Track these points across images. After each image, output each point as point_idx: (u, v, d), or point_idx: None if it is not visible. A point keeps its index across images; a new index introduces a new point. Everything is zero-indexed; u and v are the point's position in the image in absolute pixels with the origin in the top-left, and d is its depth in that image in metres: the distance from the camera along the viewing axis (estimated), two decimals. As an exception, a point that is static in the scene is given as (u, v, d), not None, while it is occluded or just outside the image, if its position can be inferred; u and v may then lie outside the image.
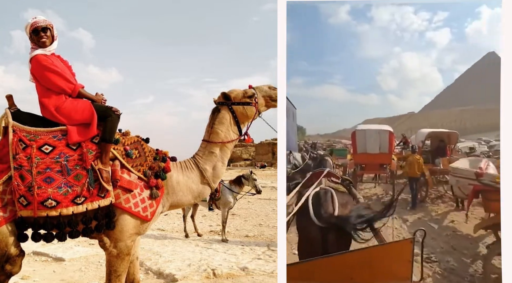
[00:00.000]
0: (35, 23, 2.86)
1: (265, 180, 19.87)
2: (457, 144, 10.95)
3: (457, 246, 5.79)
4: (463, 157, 9.93)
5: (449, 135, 10.36)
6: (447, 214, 7.66)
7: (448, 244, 5.89)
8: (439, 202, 8.64)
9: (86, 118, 2.83)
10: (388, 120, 17.69)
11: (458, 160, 7.38)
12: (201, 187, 3.09)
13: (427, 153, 10.00)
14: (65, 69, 2.93)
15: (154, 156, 2.97)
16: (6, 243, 2.64)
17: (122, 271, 2.83)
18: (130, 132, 3.09)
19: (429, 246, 5.59)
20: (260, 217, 10.24)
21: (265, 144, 39.29)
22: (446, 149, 10.12)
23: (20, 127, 2.73)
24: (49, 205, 2.61)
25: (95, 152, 2.78)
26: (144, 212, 2.81)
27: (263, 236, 7.86)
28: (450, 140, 10.27)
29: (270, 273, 5.04)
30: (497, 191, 4.41)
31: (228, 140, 3.12)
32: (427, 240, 5.66)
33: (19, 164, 2.63)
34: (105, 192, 2.72)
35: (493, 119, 19.25)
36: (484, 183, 4.87)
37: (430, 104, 23.86)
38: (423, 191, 8.76)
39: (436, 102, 23.39)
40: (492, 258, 4.40)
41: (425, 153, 9.80)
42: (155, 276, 5.06)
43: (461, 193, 5.96)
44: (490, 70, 27.13)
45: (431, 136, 10.41)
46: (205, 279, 4.89)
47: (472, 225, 6.61)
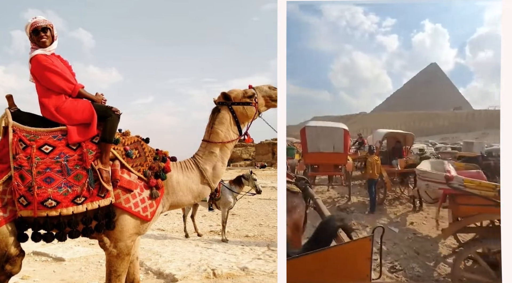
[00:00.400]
0: (35, 23, 2.86)
1: (265, 180, 19.87)
2: (412, 146, 10.80)
3: (419, 250, 5.69)
4: (415, 157, 10.06)
5: (405, 137, 10.22)
6: (406, 215, 7.52)
7: (410, 248, 5.76)
8: (396, 203, 8.47)
9: (86, 118, 2.83)
10: (340, 118, 17.56)
11: (421, 162, 7.16)
12: (201, 187, 3.09)
13: (383, 154, 9.75)
14: (65, 69, 2.93)
15: (154, 156, 2.97)
16: (6, 243, 2.64)
17: (122, 271, 2.83)
18: (130, 132, 3.09)
19: (393, 253, 5.49)
20: (260, 217, 10.24)
21: (265, 144, 39.29)
22: (403, 150, 9.97)
23: (20, 127, 2.73)
24: (49, 205, 2.61)
25: (95, 152, 2.78)
26: (144, 212, 2.81)
27: (263, 236, 7.86)
28: (406, 141, 10.11)
29: (270, 273, 5.04)
30: (466, 195, 4.53)
31: (228, 140, 3.12)
32: (390, 247, 5.67)
33: (19, 164, 2.63)
34: (105, 192, 2.72)
35: (437, 123, 19.64)
36: (454, 186, 4.73)
37: (381, 106, 24.08)
38: (381, 193, 8.48)
39: (387, 104, 23.58)
40: (460, 263, 4.31)
41: (381, 154, 9.49)
42: (155, 276, 5.06)
43: (428, 197, 5.78)
44: (433, 79, 27.95)
45: (388, 137, 10.19)
46: (205, 279, 4.89)
47: (430, 225, 6.62)
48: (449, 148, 13.39)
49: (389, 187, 8.64)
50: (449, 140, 15.10)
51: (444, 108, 21.83)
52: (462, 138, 14.77)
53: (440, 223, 6.24)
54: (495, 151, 10.34)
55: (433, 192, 5.48)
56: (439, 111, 19.88)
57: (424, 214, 7.43)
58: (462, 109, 20.33)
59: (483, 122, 16.56)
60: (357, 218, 7.47)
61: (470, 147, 12.21)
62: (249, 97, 3.12)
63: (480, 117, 16.80)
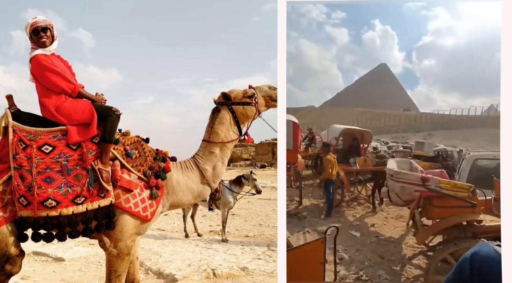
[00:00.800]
0: (35, 23, 2.86)
1: (265, 180, 19.88)
2: (370, 144, 10.09)
3: (384, 253, 5.36)
4: (372, 156, 9.46)
5: (363, 134, 9.57)
6: (366, 217, 7.00)
7: (375, 253, 5.37)
8: (354, 204, 7.85)
9: (86, 118, 2.83)
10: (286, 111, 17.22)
11: (388, 161, 6.63)
12: (201, 187, 3.09)
13: (338, 151, 8.92)
14: (65, 69, 2.93)
15: (154, 156, 2.97)
16: (6, 243, 2.64)
17: (122, 271, 2.83)
18: (130, 132, 3.09)
19: (357, 261, 5.11)
20: (260, 217, 10.24)
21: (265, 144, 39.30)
22: (360, 148, 9.31)
23: (20, 127, 2.73)
24: (49, 205, 2.61)
25: (95, 152, 2.78)
26: (144, 212, 2.81)
27: (263, 236, 7.86)
28: (363, 139, 9.48)
29: (270, 273, 5.04)
30: (443, 197, 4.37)
31: (228, 140, 3.12)
32: (353, 255, 5.27)
33: (19, 164, 2.63)
34: (105, 192, 2.72)
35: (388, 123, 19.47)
36: (430, 188, 4.48)
37: (331, 101, 23.82)
38: (338, 194, 7.78)
39: (338, 99, 23.27)
40: (434, 267, 4.18)
41: (336, 151, 8.69)
42: (155, 276, 5.06)
43: (398, 198, 5.27)
44: (383, 79, 27.80)
45: (344, 133, 9.37)
46: (205, 279, 4.89)
47: (392, 226, 6.24)
48: (400, 147, 13.20)
49: (347, 188, 7.96)
50: (399, 139, 15.04)
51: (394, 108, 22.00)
52: (411, 138, 14.82)
53: (401, 223, 6.13)
54: (442, 150, 10.30)
55: (406, 194, 5.03)
56: (389, 111, 20.00)
57: (384, 214, 7.00)
58: (410, 110, 20.65)
59: (429, 124, 16.89)
60: (312, 224, 6.48)
61: (421, 147, 12.05)
62: (249, 97, 3.12)
63: (427, 119, 17.09)
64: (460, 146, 11.50)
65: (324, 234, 2.88)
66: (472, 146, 11.36)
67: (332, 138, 9.05)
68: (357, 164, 8.47)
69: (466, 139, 12.80)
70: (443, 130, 14.61)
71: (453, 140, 12.83)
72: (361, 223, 6.70)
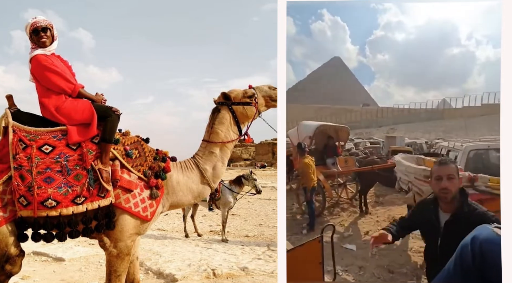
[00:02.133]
0: (35, 23, 2.86)
1: (265, 180, 19.89)
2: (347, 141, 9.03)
3: (392, 266, 4.48)
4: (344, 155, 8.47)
5: (338, 131, 8.57)
6: (354, 224, 6.14)
7: (381, 268, 4.50)
8: (338, 210, 6.90)
9: (86, 118, 2.83)
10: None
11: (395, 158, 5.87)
12: (201, 187, 3.09)
13: (312, 152, 7.56)
14: (65, 69, 2.93)
15: (154, 156, 2.97)
16: (6, 243, 2.64)
17: (122, 271, 2.83)
18: (130, 132, 3.09)
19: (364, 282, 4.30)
20: (260, 217, 10.24)
21: (265, 144, 39.31)
22: (337, 146, 8.33)
23: (20, 127, 2.73)
24: (49, 205, 2.61)
25: (95, 152, 2.78)
26: (144, 212, 2.81)
27: (263, 236, 7.85)
28: (339, 136, 8.52)
29: (270, 273, 5.04)
30: (494, 198, 3.56)
31: (228, 140, 3.12)
32: (358, 276, 4.45)
33: (19, 164, 2.63)
34: (105, 192, 2.71)
35: (350, 119, 19.24)
36: (480, 189, 3.80)
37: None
38: (316, 201, 6.68)
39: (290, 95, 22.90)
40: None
41: (310, 153, 7.31)
42: (155, 276, 5.06)
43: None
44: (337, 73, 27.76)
45: (319, 131, 8.09)
46: (205, 279, 4.89)
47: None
48: (367, 142, 12.69)
49: (329, 193, 6.95)
50: (363, 135, 14.81)
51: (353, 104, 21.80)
52: (373, 133, 14.61)
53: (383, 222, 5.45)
54: (414, 144, 10.01)
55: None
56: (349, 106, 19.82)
57: (374, 218, 6.29)
58: (370, 105, 20.47)
59: (390, 118, 16.83)
60: (293, 241, 4.87)
61: (393, 141, 11.65)
62: (249, 97, 3.12)
63: (388, 114, 17.01)
64: (422, 138, 11.51)
65: (321, 233, 2.85)
66: (432, 137, 11.36)
67: (305, 138, 7.87)
68: (337, 165, 7.59)
69: (426, 131, 12.82)
70: (404, 124, 14.55)
71: (415, 133, 12.81)
72: (353, 232, 5.89)
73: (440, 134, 11.05)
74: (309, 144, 7.60)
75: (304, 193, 6.41)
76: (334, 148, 8.13)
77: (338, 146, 8.32)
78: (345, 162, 7.79)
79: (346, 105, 15.54)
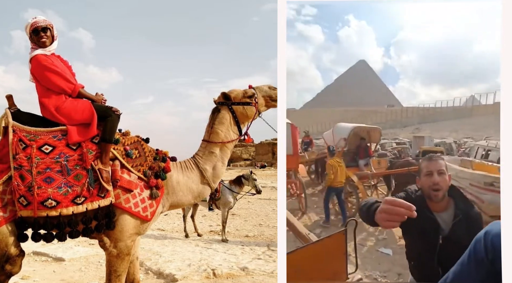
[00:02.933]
0: (35, 23, 2.86)
1: (265, 180, 19.89)
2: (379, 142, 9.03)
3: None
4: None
5: (370, 132, 8.58)
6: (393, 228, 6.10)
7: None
8: None
9: (86, 118, 2.83)
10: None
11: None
12: (201, 187, 3.09)
13: (345, 154, 7.90)
14: (65, 69, 2.93)
15: (154, 156, 2.97)
16: (6, 243, 2.64)
17: (122, 271, 2.83)
18: (130, 132, 3.09)
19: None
20: (260, 217, 10.24)
21: (265, 144, 39.30)
22: (369, 148, 8.36)
23: (20, 127, 2.73)
24: (49, 205, 2.61)
25: (95, 152, 2.78)
26: (144, 212, 2.81)
27: (263, 236, 7.85)
28: (371, 137, 8.53)
29: (270, 273, 5.04)
30: None
31: (228, 140, 3.12)
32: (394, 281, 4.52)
33: (19, 164, 2.63)
34: (105, 192, 2.72)
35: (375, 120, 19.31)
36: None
37: (311, 102, 23.29)
38: (350, 202, 6.93)
39: (318, 100, 22.79)
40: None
41: (343, 154, 7.66)
42: (155, 276, 5.06)
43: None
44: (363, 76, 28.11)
45: (353, 133, 8.21)
46: (205, 279, 4.89)
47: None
48: (393, 143, 12.46)
49: (363, 194, 6.98)
50: (388, 136, 14.69)
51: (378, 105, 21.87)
52: (398, 133, 14.52)
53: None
54: (443, 144, 9.88)
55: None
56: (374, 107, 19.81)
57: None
58: (394, 106, 20.35)
59: (415, 118, 16.77)
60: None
61: (421, 141, 11.43)
62: (249, 97, 3.12)
63: (413, 113, 16.97)
64: (449, 137, 11.34)
65: (345, 227, 2.90)
66: (460, 136, 11.21)
67: (340, 140, 8.04)
68: (371, 166, 7.66)
69: (453, 130, 12.64)
70: (429, 123, 14.44)
71: (441, 132, 12.66)
72: (387, 235, 5.81)
73: (468, 133, 10.82)
74: (343, 145, 7.79)
75: (326, 194, 6.60)
76: (366, 149, 8.21)
77: (369, 147, 8.39)
78: (378, 163, 7.87)
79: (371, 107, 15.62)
